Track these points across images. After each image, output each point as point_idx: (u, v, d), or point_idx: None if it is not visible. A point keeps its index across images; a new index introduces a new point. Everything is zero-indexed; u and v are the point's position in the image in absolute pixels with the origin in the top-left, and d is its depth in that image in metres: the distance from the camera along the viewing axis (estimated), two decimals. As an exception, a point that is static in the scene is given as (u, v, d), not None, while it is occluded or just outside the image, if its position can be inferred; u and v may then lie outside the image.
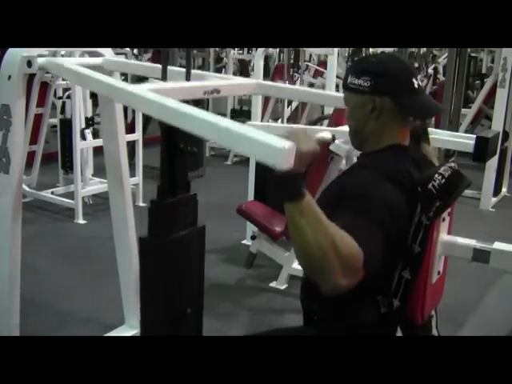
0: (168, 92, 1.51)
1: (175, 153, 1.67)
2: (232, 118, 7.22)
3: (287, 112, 5.88)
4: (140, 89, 1.47)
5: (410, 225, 1.35)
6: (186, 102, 1.65)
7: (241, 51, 8.11)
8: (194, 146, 1.72)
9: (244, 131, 1.14)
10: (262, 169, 3.97)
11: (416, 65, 7.57)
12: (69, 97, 4.52)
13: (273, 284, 3.39)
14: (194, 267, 1.72)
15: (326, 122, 4.14)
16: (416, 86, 1.42)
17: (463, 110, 6.23)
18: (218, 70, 8.87)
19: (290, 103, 6.06)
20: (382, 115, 1.40)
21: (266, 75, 6.42)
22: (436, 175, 1.34)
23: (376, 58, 1.43)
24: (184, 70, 1.86)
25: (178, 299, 1.68)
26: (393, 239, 1.28)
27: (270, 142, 1.07)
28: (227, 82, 2.04)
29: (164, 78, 1.76)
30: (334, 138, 1.31)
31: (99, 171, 4.60)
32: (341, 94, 1.60)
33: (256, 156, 1.13)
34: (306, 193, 1.13)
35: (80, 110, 4.43)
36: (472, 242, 1.53)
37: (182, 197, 1.69)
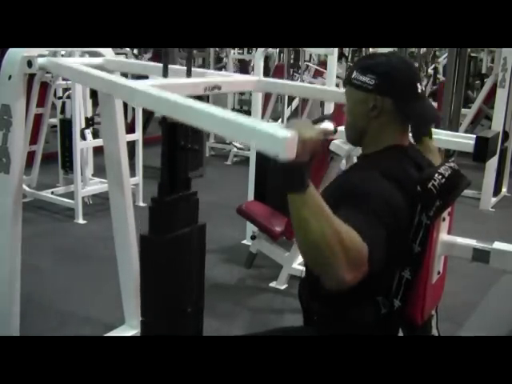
0: (169, 88, 1.50)
1: (176, 150, 1.66)
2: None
3: (287, 112, 5.88)
4: (141, 84, 1.47)
5: (410, 225, 1.35)
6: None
7: (241, 51, 8.11)
8: (195, 143, 1.72)
9: (245, 121, 1.12)
10: (262, 168, 3.98)
11: (416, 65, 7.57)
12: (69, 97, 4.52)
13: (273, 284, 3.38)
14: (194, 265, 1.72)
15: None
16: (419, 91, 1.42)
17: (463, 110, 6.23)
18: (218, 70, 8.88)
19: (290, 103, 6.06)
20: (381, 115, 1.40)
21: (266, 75, 6.42)
22: (436, 175, 1.34)
23: (384, 58, 1.42)
24: (185, 68, 1.85)
25: (178, 297, 1.67)
26: (394, 237, 1.27)
27: (271, 131, 1.04)
28: (228, 79, 2.04)
29: (165, 75, 1.75)
30: (336, 130, 1.29)
31: (99, 171, 4.60)
32: (341, 90, 1.58)
33: (257, 146, 1.11)
34: (309, 183, 1.12)
35: (80, 109, 4.43)
36: (472, 242, 1.53)
37: (183, 194, 1.69)
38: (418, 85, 1.42)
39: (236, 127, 1.15)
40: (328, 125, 1.26)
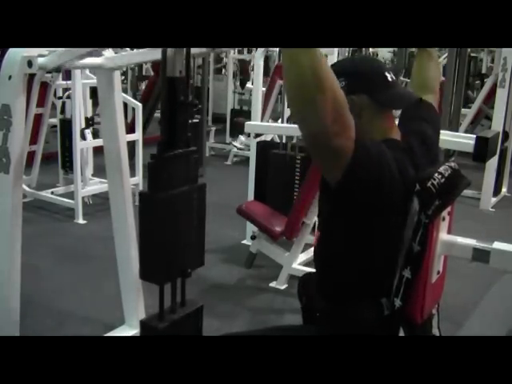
0: None
1: (176, 105, 1.65)
2: (232, 118, 7.24)
3: (287, 112, 5.88)
4: None
5: (402, 210, 1.35)
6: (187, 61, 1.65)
7: (241, 51, 8.13)
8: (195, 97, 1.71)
9: None
10: (262, 168, 3.98)
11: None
12: (69, 97, 4.53)
13: (273, 284, 3.39)
14: (194, 225, 1.70)
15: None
16: (389, 79, 1.45)
17: (463, 110, 6.23)
18: (218, 70, 8.88)
19: (290, 103, 6.05)
20: (362, 113, 1.41)
21: (266, 75, 6.42)
22: (436, 174, 1.34)
23: (346, 60, 1.47)
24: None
25: (177, 256, 1.66)
26: (383, 200, 1.29)
27: None
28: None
29: None
30: None
31: (99, 171, 4.61)
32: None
33: None
34: None
35: (80, 109, 4.44)
36: (472, 242, 1.53)
37: (183, 151, 1.68)
38: (387, 74, 1.45)
39: None
40: None
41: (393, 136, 1.46)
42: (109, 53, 2.36)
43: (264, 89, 5.34)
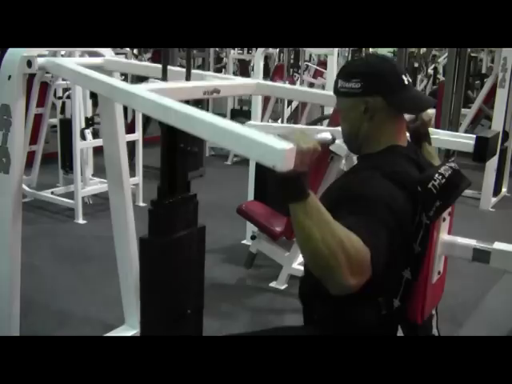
0: (168, 92, 1.51)
1: (175, 152, 1.67)
2: (232, 118, 7.23)
3: (287, 112, 5.88)
4: (140, 89, 1.47)
5: (412, 225, 1.35)
6: (187, 101, 1.65)
7: (241, 51, 8.13)
8: (194, 145, 1.73)
9: (243, 132, 1.13)
10: (262, 169, 3.98)
11: (416, 65, 7.58)
12: (69, 97, 4.53)
13: (273, 284, 3.39)
14: (194, 267, 1.72)
15: (326, 122, 4.15)
16: (406, 82, 1.43)
17: (463, 110, 6.22)
18: (218, 70, 8.87)
19: (289, 103, 6.06)
20: (375, 115, 1.41)
21: (266, 75, 6.42)
22: (436, 175, 1.34)
23: (363, 60, 1.45)
24: (184, 70, 1.86)
25: (177, 299, 1.68)
26: (395, 238, 1.27)
27: (269, 143, 1.06)
28: (227, 83, 2.04)
29: (164, 78, 1.76)
30: (334, 139, 1.29)
31: (99, 171, 4.60)
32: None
33: (256, 158, 1.12)
34: (309, 192, 1.13)
35: (80, 109, 4.44)
36: (472, 242, 1.53)
37: (182, 197, 1.69)
38: (403, 76, 1.43)
39: (234, 138, 1.15)
40: (326, 135, 1.26)
41: (399, 142, 1.45)
42: (109, 53, 2.36)
43: (264, 89, 5.33)
